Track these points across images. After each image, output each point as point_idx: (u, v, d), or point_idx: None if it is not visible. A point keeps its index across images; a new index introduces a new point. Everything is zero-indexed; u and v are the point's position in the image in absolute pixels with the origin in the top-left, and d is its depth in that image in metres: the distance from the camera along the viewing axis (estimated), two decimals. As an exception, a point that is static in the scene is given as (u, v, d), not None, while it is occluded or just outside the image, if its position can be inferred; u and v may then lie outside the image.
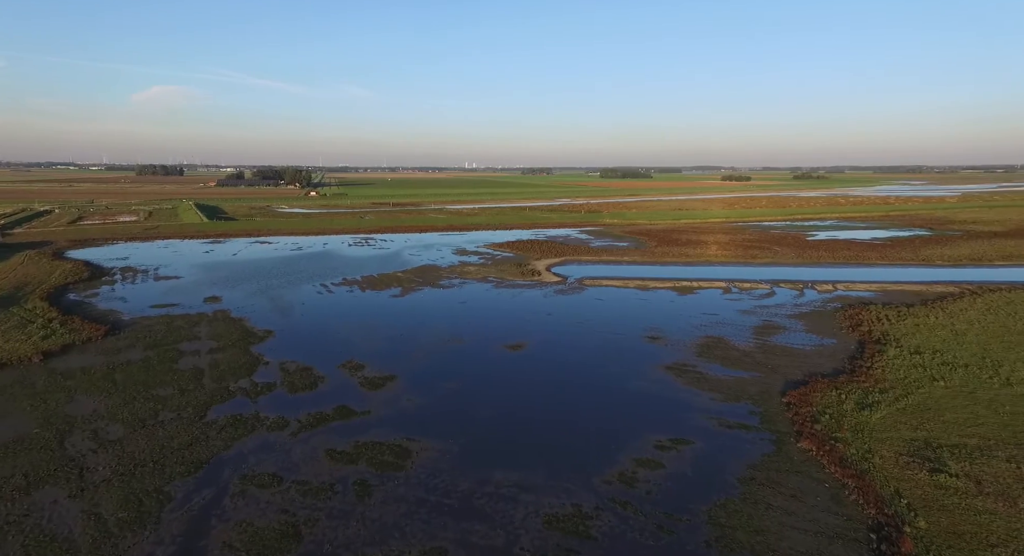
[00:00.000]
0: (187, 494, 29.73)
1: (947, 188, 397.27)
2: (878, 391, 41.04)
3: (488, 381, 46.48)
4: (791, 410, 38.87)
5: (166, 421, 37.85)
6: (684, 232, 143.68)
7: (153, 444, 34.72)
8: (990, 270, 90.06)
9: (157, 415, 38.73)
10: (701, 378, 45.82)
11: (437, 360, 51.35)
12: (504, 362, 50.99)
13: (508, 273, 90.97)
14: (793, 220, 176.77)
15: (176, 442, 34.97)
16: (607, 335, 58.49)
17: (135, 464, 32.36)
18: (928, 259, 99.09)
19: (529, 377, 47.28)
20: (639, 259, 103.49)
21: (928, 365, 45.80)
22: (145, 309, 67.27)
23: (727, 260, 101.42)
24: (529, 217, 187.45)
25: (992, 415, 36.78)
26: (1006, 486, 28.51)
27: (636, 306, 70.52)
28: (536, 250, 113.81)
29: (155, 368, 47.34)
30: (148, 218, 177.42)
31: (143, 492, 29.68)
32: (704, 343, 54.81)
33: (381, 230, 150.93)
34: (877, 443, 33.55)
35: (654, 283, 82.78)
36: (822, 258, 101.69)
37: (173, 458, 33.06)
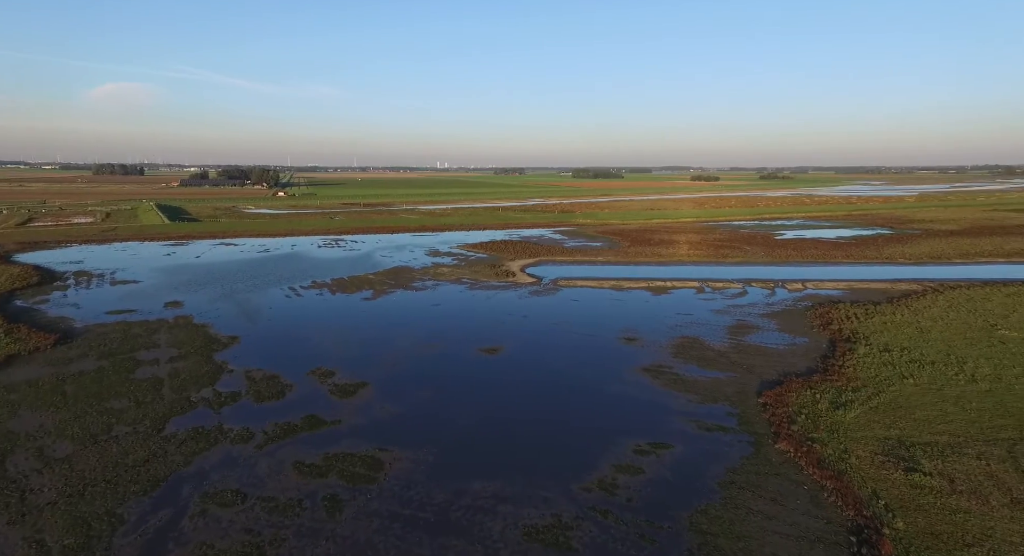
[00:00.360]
0: (142, 516, 27.81)
1: (904, 188, 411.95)
2: (851, 390, 41.43)
3: (464, 387, 45.34)
4: (767, 411, 38.87)
5: (120, 436, 35.60)
6: (656, 232, 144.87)
7: (105, 461, 32.52)
8: (949, 268, 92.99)
9: (111, 429, 36.42)
10: (678, 379, 45.60)
11: (411, 365, 49.97)
12: (480, 366, 49.92)
13: (482, 274, 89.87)
14: (761, 219, 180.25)
15: (131, 458, 32.85)
16: (583, 337, 57.98)
17: (84, 484, 30.20)
18: (891, 257, 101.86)
19: (505, 382, 46.33)
20: (613, 259, 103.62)
21: (897, 363, 46.57)
22: (100, 316, 63.88)
23: (699, 260, 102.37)
24: (502, 217, 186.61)
25: (960, 412, 37.42)
26: (978, 484, 28.82)
27: (611, 307, 70.28)
28: (510, 251, 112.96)
29: (109, 379, 44.71)
30: (105, 219, 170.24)
31: (92, 515, 27.63)
32: (680, 343, 54.76)
33: (352, 231, 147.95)
34: (853, 443, 33.69)
35: (628, 283, 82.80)
36: (791, 257, 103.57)
37: (127, 476, 30.99)
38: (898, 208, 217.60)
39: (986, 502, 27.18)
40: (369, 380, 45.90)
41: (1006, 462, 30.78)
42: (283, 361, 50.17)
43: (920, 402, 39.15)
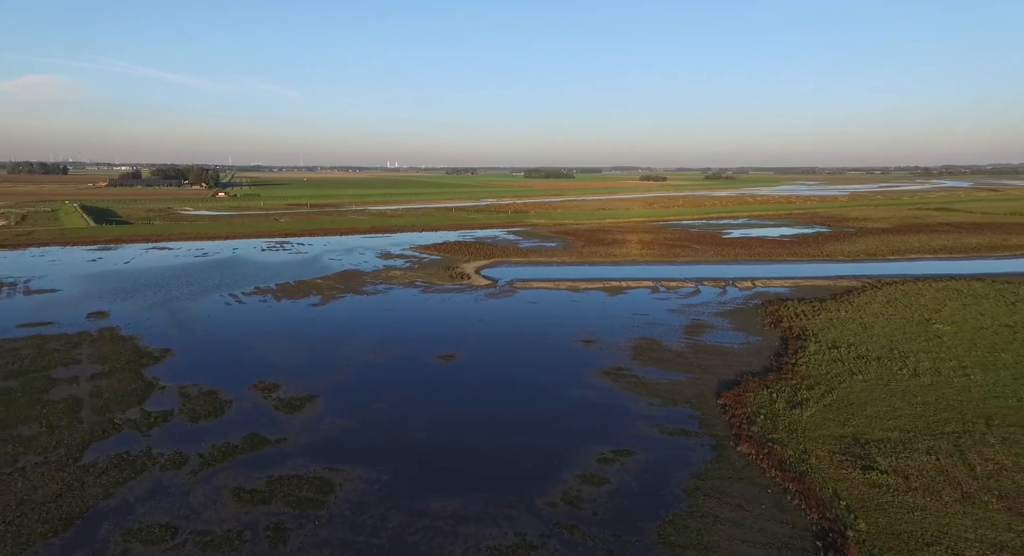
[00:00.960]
0: (53, 561, 24.52)
1: (837, 188, 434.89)
2: (805, 388, 42.04)
3: (419, 397, 43.27)
4: (727, 412, 38.82)
5: (28, 467, 31.68)
6: (609, 232, 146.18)
7: (8, 499, 28.72)
8: (883, 264, 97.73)
9: (16, 460, 32.39)
10: (638, 382, 45.14)
11: (362, 375, 47.44)
12: (436, 374, 47.94)
13: (436, 277, 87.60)
14: (709, 219, 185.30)
15: (40, 493, 29.17)
16: (542, 340, 56.92)
17: (-17, 528, 26.47)
18: (831, 255, 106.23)
19: (463, 390, 44.58)
20: (568, 260, 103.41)
21: (846, 359, 47.79)
22: (10, 330, 57.83)
23: (652, 259, 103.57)
24: (455, 218, 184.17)
25: (907, 407, 38.48)
26: (930, 480, 29.37)
27: (568, 308, 69.63)
28: (464, 252, 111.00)
29: (18, 402, 40.09)
30: (21, 222, 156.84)
31: (-8, 564, 24.15)
32: (638, 345, 54.52)
33: (298, 233, 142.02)
34: (811, 442, 33.91)
35: (584, 284, 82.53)
36: (739, 255, 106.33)
37: (34, 515, 27.40)
38: (833, 207, 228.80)
39: (940, 498, 27.65)
40: (318, 392, 43.16)
41: (953, 456, 31.60)
42: (222, 375, 46.62)
43: (870, 398, 40.07)
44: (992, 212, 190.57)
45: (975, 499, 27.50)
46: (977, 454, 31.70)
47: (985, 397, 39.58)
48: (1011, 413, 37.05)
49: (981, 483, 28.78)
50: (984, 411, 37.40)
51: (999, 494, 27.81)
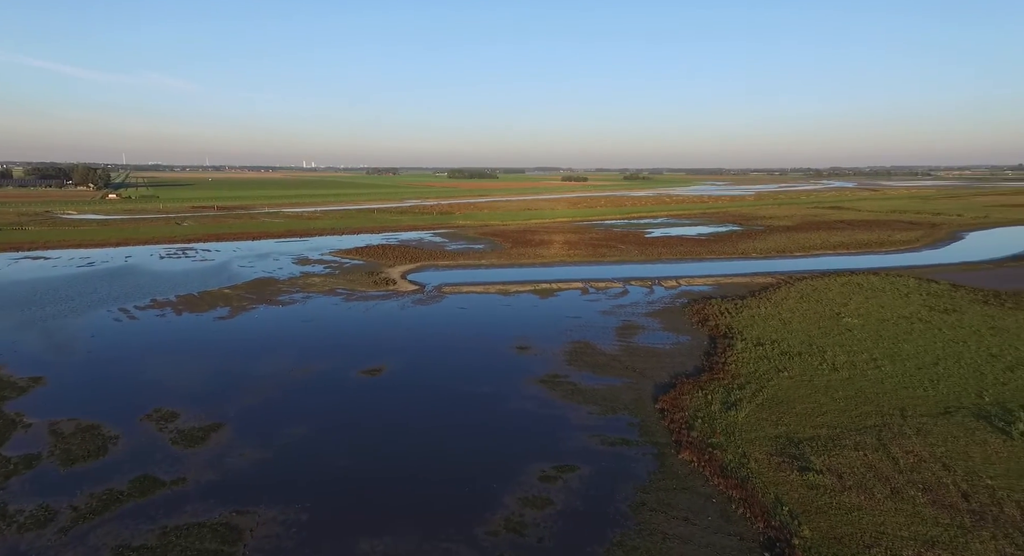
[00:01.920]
0: None
1: (744, 188, 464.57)
2: (737, 388, 42.53)
3: (342, 419, 39.56)
4: (666, 417, 38.33)
5: None
6: (536, 232, 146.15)
7: None
8: (792, 260, 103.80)
9: None
10: (575, 390, 43.89)
11: (278, 397, 42.88)
12: (361, 392, 44.26)
13: (359, 283, 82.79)
14: (630, 218, 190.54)
15: None
16: (474, 348, 54.55)
17: None
18: (745, 252, 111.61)
19: (391, 408, 41.29)
20: (496, 262, 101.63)
21: (771, 356, 49.14)
22: None
23: (581, 259, 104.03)
24: (378, 220, 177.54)
25: (831, 402, 39.74)
26: (861, 477, 29.98)
27: (500, 313, 67.70)
28: (389, 256, 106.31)
29: None
30: None
31: None
32: (572, 349, 53.49)
33: (203, 238, 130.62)
34: (749, 445, 33.92)
35: (515, 287, 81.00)
36: (662, 254, 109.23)
37: None
38: (743, 206, 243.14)
39: (872, 496, 28.15)
40: (224, 420, 38.37)
41: (878, 451, 32.60)
42: (107, 405, 40.49)
43: (797, 395, 41.10)
44: (876, 210, 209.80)
45: (903, 494, 28.23)
46: (898, 447, 32.90)
47: (897, 388, 41.70)
48: (920, 403, 39.13)
49: (906, 477, 29.69)
50: (898, 403, 39.28)
51: (923, 487, 28.74)
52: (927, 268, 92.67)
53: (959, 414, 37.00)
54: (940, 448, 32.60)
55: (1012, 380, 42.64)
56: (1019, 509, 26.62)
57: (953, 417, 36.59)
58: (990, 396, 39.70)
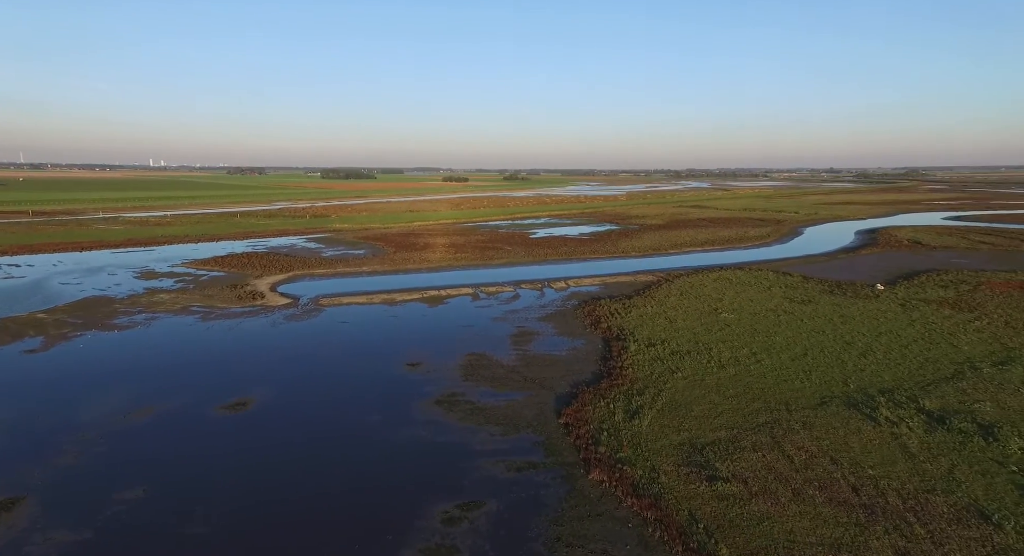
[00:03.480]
0: None
1: (615, 188, 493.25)
2: (636, 393, 42.17)
3: (194, 471, 32.76)
4: (571, 433, 36.60)
5: None
6: (420, 235, 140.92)
7: None
8: (668, 258, 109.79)
9: None
10: (475, 409, 40.78)
11: (103, 452, 34.65)
12: (220, 434, 37.34)
13: (220, 299, 72.61)
14: (514, 219, 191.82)
15: None
16: (359, 369, 49.25)
17: None
18: (625, 251, 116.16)
19: (259, 452, 35.12)
20: (380, 269, 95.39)
21: (664, 357, 49.88)
22: None
23: (469, 263, 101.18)
24: (242, 225, 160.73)
25: (724, 401, 40.69)
26: (764, 481, 30.28)
27: (387, 326, 62.55)
28: (256, 265, 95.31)
29: None
30: None
31: None
32: (468, 363, 50.34)
33: (10, 250, 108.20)
34: (656, 456, 33.15)
35: (401, 295, 76.01)
36: (548, 255, 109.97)
37: None
38: (617, 206, 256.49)
39: (778, 501, 28.38)
40: (25, 492, 29.98)
41: (774, 449, 33.44)
42: None
43: (693, 396, 41.63)
44: (731, 208, 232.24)
45: (803, 495, 28.81)
46: (790, 443, 34.03)
47: (778, 382, 43.95)
48: (799, 395, 41.40)
49: (802, 475, 30.50)
50: (781, 397, 41.22)
51: (819, 485, 29.61)
52: (780, 262, 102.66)
53: (833, 404, 39.56)
54: (825, 441, 34.23)
55: (867, 366, 46.92)
56: (899, 498, 28.21)
57: (829, 408, 38.99)
58: (854, 383, 43.17)
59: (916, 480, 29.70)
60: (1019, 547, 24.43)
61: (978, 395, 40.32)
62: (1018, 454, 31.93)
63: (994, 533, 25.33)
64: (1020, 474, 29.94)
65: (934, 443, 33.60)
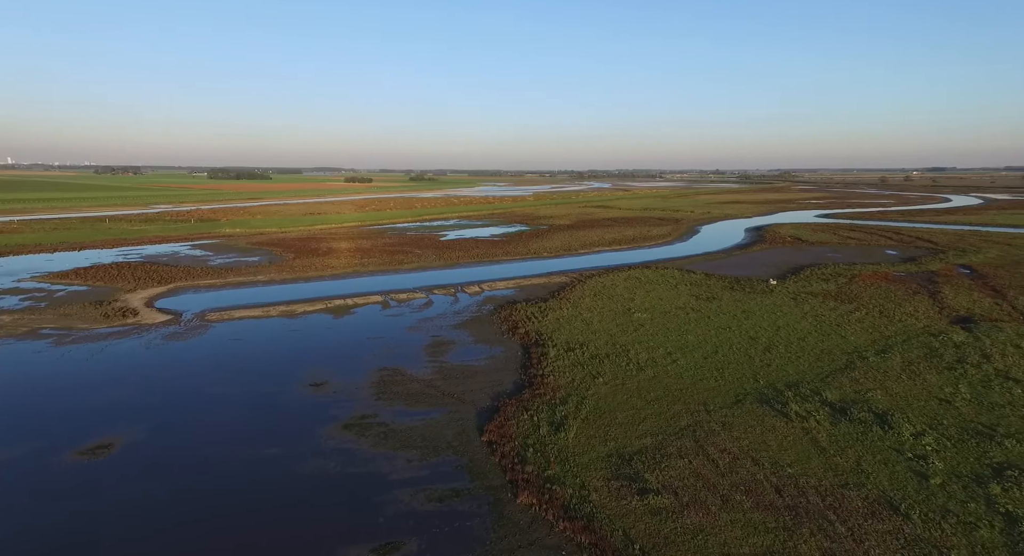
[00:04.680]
0: None
1: (522, 188, 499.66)
2: (560, 402, 40.81)
3: (38, 536, 26.63)
4: (496, 452, 34.37)
5: None
6: (323, 240, 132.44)
7: None
8: (579, 258, 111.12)
9: None
10: (389, 433, 37.31)
11: (-83, 527, 27.34)
12: (75, 486, 31.01)
13: (80, 318, 62.57)
14: (423, 221, 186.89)
15: None
16: (254, 394, 43.76)
17: None
18: (537, 252, 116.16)
19: (125, 506, 29.46)
20: (278, 277, 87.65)
21: (583, 362, 49.12)
22: None
23: (377, 269, 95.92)
24: (112, 231, 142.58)
25: (647, 405, 40.41)
26: (694, 490, 29.84)
27: (287, 342, 56.76)
28: (128, 277, 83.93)
29: None
30: None
31: None
32: (380, 379, 46.53)
33: None
34: (585, 471, 31.77)
35: (303, 306, 69.90)
36: (460, 258, 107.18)
37: None
38: (526, 206, 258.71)
39: (708, 511, 27.93)
40: None
41: (699, 455, 33.29)
42: None
43: (615, 402, 40.97)
44: (633, 208, 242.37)
45: (732, 502, 28.61)
46: (713, 446, 34.09)
47: (695, 382, 44.55)
48: (716, 395, 42.11)
49: (728, 481, 30.42)
50: (699, 397, 41.67)
51: (745, 489, 29.62)
52: (683, 259, 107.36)
53: (747, 401, 40.55)
54: (745, 441, 34.68)
55: (772, 361, 49.04)
56: (819, 495, 28.83)
57: (744, 405, 39.89)
58: (763, 379, 44.75)
59: (831, 475, 30.61)
60: (927, 536, 25.56)
61: (869, 384, 43.23)
62: (911, 441, 34.13)
63: (904, 524, 26.40)
64: (915, 461, 31.86)
65: (840, 435, 35.15)
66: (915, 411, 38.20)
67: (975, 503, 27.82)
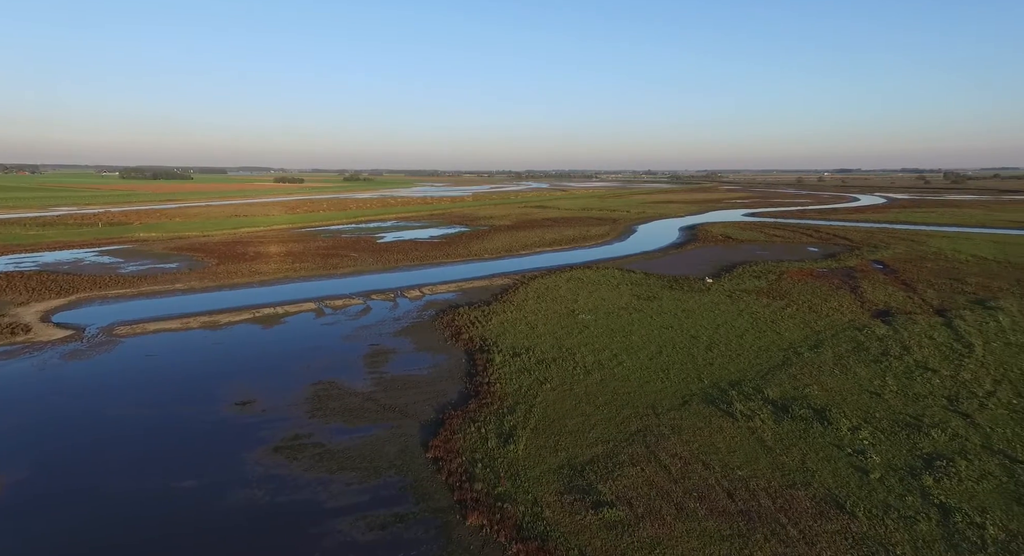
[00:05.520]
0: None
1: (461, 189, 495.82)
2: (508, 412, 39.29)
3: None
4: (442, 469, 32.37)
5: None
6: (250, 243, 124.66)
7: None
8: (520, 259, 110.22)
9: None
10: (325, 454, 34.46)
11: None
12: (-53, 545, 26.31)
13: (-41, 338, 54.82)
14: (358, 222, 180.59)
15: None
16: (169, 417, 39.45)
17: None
18: (478, 253, 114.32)
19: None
20: (199, 285, 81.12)
21: (530, 367, 47.86)
22: None
23: (310, 274, 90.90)
24: (1, 236, 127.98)
25: (596, 411, 39.61)
26: (648, 499, 29.11)
27: (209, 356, 52.07)
28: (19, 288, 75.03)
29: None
30: None
31: None
32: (315, 394, 43.29)
33: None
34: (537, 486, 30.38)
35: (227, 316, 64.76)
36: (399, 261, 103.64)
37: None
38: (464, 207, 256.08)
39: (664, 521, 27.23)
40: None
41: (651, 461, 32.72)
42: None
43: (564, 408, 39.93)
44: (571, 208, 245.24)
45: (686, 510, 28.08)
46: (664, 452, 33.64)
47: (642, 384, 44.28)
48: (663, 397, 41.97)
49: (682, 487, 29.94)
50: (647, 399, 41.37)
51: (698, 495, 29.20)
52: (622, 259, 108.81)
53: (694, 402, 40.62)
54: (695, 444, 34.48)
55: (714, 360, 49.72)
56: (769, 498, 28.83)
57: (691, 406, 39.90)
58: (707, 378, 45.14)
59: (778, 476, 30.79)
60: (872, 534, 25.95)
61: (806, 380, 44.52)
62: (849, 436, 35.10)
63: (851, 522, 26.73)
64: (855, 456, 32.69)
65: (783, 433, 35.66)
66: (850, 405, 39.51)
67: (912, 496, 28.68)
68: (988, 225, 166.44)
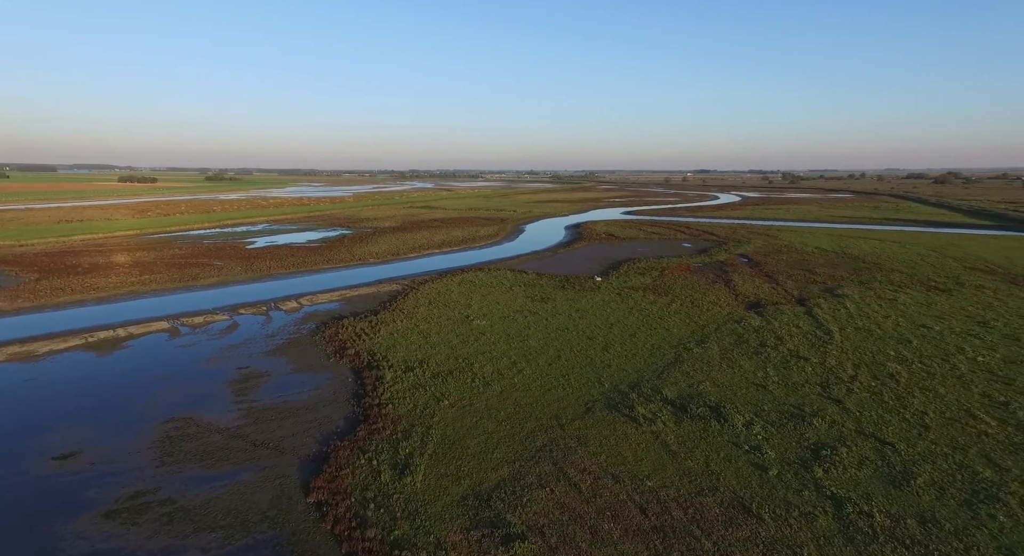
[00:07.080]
0: None
1: (341, 189, 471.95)
2: (403, 437, 35.36)
3: None
4: (326, 516, 27.78)
5: None
6: (84, 253, 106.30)
7: None
8: (409, 262, 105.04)
9: None
10: (176, 513, 28.22)
11: None
12: None
13: None
14: (224, 226, 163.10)
15: None
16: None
17: None
18: (363, 258, 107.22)
19: None
20: (10, 306, 66.58)
21: (425, 383, 44.13)
22: None
23: (163, 287, 78.72)
24: None
25: (498, 428, 37.01)
26: (560, 525, 26.97)
27: (20, 398, 41.82)
28: None
29: None
30: None
31: None
32: (165, 435, 36.05)
33: None
34: (439, 523, 26.98)
35: (48, 344, 53.29)
36: (273, 269, 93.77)
37: None
38: (345, 208, 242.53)
39: (579, 550, 25.23)
40: None
41: (560, 480, 30.73)
42: None
43: (465, 427, 36.86)
44: (458, 208, 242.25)
45: (600, 533, 26.34)
46: (573, 467, 31.86)
47: (543, 392, 42.50)
48: (566, 405, 40.47)
49: (594, 507, 28.22)
50: (550, 410, 39.59)
51: (611, 515, 27.64)
52: (513, 259, 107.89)
53: (597, 409, 39.53)
54: (602, 456, 33.11)
55: (612, 361, 49.47)
56: (680, 509, 28.05)
57: (595, 414, 38.73)
58: (607, 382, 44.50)
59: (686, 483, 30.24)
60: (779, 536, 25.98)
61: (699, 376, 45.56)
62: (744, 432, 35.87)
63: (759, 526, 26.62)
64: (752, 453, 33.27)
65: (685, 435, 35.59)
66: (740, 400, 40.75)
67: (808, 491, 29.45)
68: (823, 220, 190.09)
